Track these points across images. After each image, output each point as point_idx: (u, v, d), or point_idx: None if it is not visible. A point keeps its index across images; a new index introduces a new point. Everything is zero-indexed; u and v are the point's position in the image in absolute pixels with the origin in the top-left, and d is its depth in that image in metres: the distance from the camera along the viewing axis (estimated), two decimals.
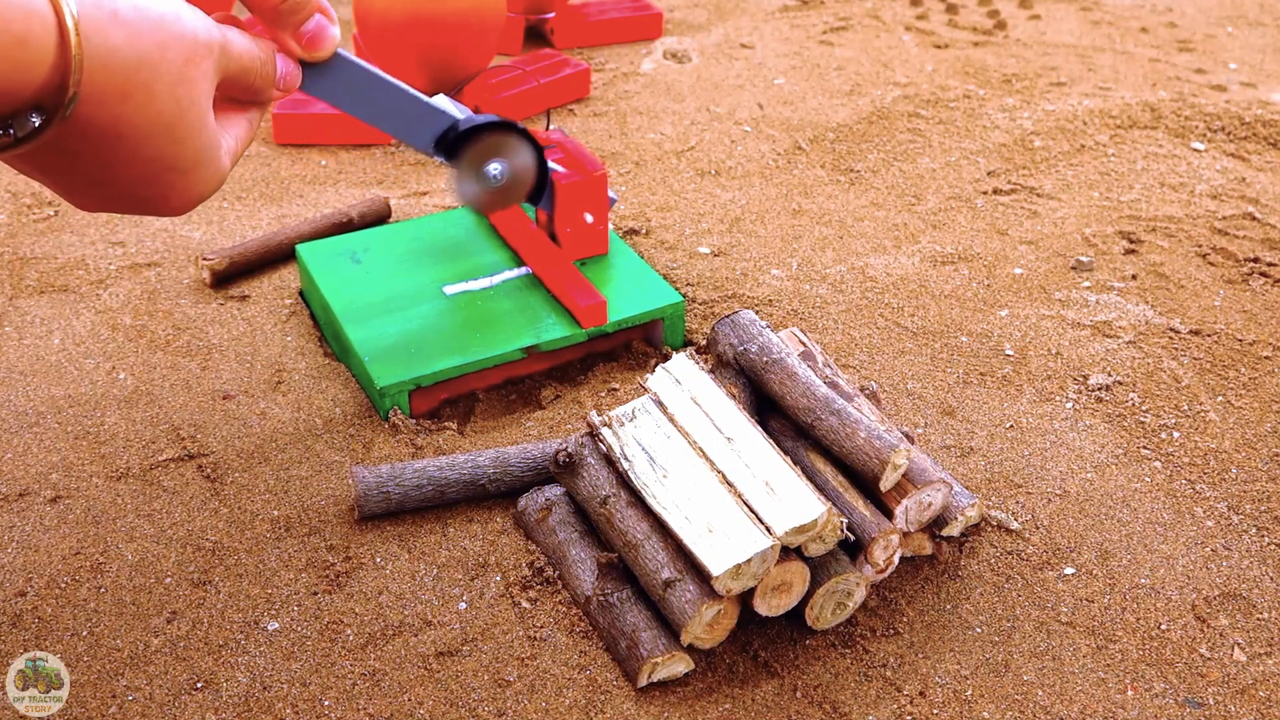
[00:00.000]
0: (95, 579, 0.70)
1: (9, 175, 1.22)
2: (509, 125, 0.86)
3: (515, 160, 0.88)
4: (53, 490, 0.77)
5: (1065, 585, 0.72)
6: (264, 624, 0.67)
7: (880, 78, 1.53)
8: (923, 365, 0.93)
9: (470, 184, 0.87)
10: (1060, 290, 1.04)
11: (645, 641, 0.64)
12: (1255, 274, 1.07)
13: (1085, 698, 0.64)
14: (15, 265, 1.04)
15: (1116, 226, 1.15)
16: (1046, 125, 1.37)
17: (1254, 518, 0.77)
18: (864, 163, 1.29)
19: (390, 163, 1.27)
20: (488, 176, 0.87)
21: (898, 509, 0.68)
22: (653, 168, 1.27)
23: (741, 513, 0.63)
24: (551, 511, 0.73)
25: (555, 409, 0.87)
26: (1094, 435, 0.85)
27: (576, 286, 0.91)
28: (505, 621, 0.68)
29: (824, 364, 0.78)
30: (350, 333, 0.88)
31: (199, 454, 0.81)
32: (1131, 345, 0.95)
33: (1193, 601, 0.70)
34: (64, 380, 0.89)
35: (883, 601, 0.70)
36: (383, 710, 0.62)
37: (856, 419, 0.69)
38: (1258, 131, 1.35)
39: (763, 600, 0.64)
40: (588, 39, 1.63)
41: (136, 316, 0.97)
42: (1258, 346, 0.95)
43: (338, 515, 0.76)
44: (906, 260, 1.09)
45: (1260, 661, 0.67)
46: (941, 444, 0.83)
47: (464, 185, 0.88)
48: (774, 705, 0.63)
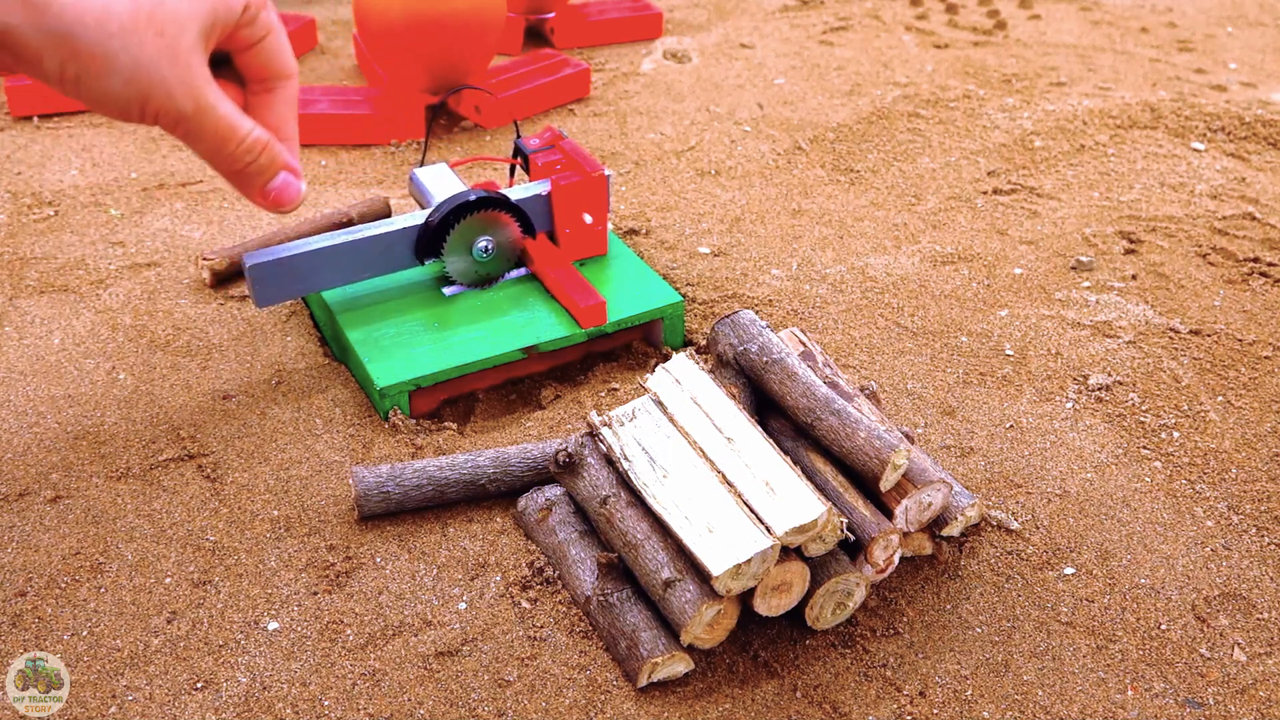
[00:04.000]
0: (95, 579, 0.70)
1: (8, 175, 1.22)
2: (466, 205, 0.88)
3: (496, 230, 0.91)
4: (53, 490, 0.77)
5: (1065, 585, 0.72)
6: (264, 624, 0.67)
7: (880, 78, 1.53)
8: (923, 365, 0.93)
9: (466, 264, 0.91)
10: (1060, 290, 1.04)
11: (645, 641, 0.64)
12: (1255, 274, 1.07)
13: (1085, 698, 0.64)
14: (15, 265, 1.04)
15: (1116, 226, 1.15)
16: (1046, 125, 1.37)
17: (1254, 518, 0.77)
18: (864, 163, 1.29)
19: (390, 163, 1.27)
20: (479, 252, 0.91)
21: (898, 509, 0.68)
22: (653, 168, 1.27)
23: (741, 513, 0.63)
24: (551, 511, 0.73)
25: (555, 409, 0.87)
26: (1094, 435, 0.85)
27: (576, 287, 0.91)
28: (505, 621, 0.68)
29: (824, 364, 0.78)
30: (350, 333, 0.88)
31: (199, 454, 0.81)
32: (1131, 345, 0.95)
33: (1193, 601, 0.70)
34: (64, 380, 0.89)
35: (883, 601, 0.70)
36: (383, 710, 0.62)
37: (856, 419, 0.69)
38: (1258, 131, 1.35)
39: (763, 600, 0.64)
40: (588, 39, 1.63)
41: (136, 316, 0.97)
42: (1258, 346, 0.95)
43: (338, 515, 0.76)
44: (906, 260, 1.09)
45: (1260, 661, 0.67)
46: (941, 444, 0.83)
47: (460, 269, 0.92)
48: (774, 705, 0.63)
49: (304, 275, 0.87)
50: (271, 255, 0.85)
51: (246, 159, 0.57)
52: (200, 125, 0.54)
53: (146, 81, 0.51)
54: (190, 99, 0.53)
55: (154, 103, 0.52)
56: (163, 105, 0.52)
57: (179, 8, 0.52)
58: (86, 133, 1.32)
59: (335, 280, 0.89)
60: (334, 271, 0.88)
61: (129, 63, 0.50)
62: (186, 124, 0.54)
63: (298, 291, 0.88)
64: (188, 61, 0.52)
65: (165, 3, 0.51)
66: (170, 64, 0.52)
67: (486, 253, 0.91)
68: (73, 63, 0.49)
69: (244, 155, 0.57)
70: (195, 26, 0.52)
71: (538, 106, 1.40)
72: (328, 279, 0.88)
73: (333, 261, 0.88)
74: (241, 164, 0.57)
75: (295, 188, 0.60)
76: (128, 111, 0.52)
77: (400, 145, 1.31)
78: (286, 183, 0.60)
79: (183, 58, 0.52)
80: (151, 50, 0.51)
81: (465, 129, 1.36)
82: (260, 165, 0.57)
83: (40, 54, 0.49)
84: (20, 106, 1.35)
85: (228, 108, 0.55)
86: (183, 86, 0.52)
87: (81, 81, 0.50)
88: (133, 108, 0.52)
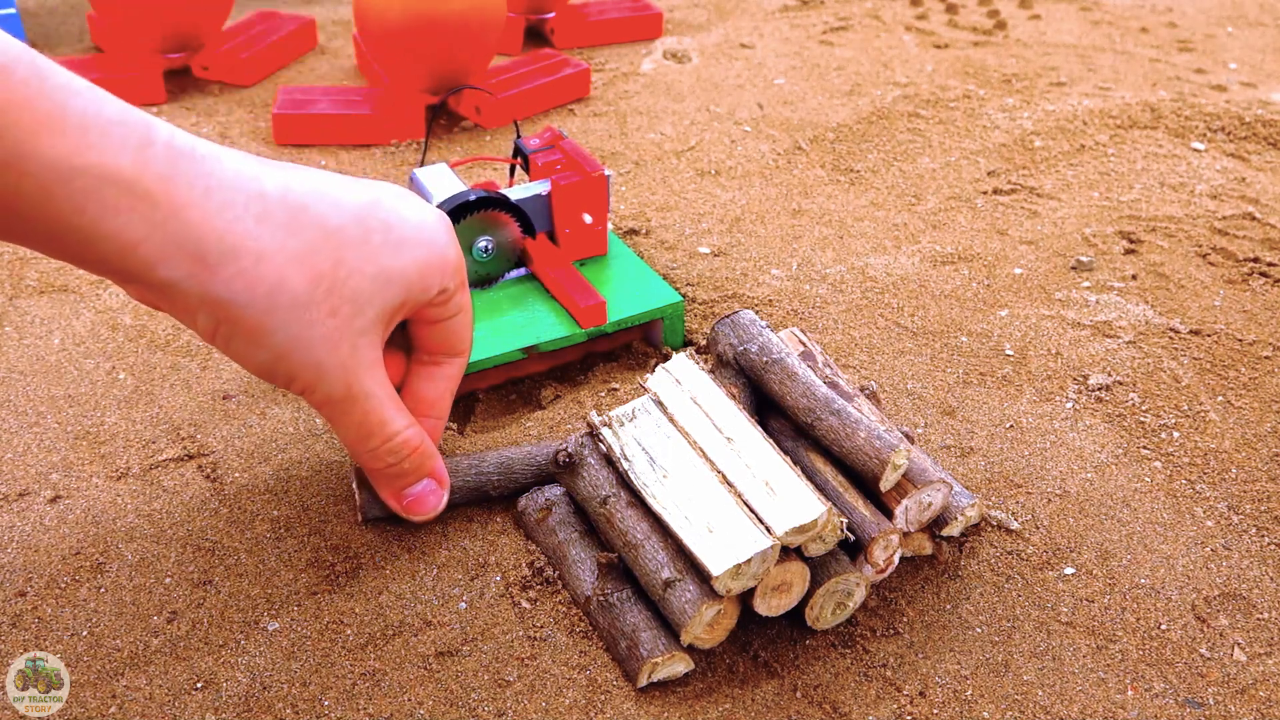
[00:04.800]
0: (95, 579, 0.70)
1: None
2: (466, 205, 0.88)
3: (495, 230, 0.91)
4: (53, 490, 0.77)
5: (1065, 585, 0.72)
6: (264, 624, 0.67)
7: (880, 78, 1.53)
8: (923, 365, 0.93)
9: (466, 264, 0.91)
10: (1060, 290, 1.04)
11: (645, 641, 0.64)
12: (1255, 274, 1.07)
13: (1085, 698, 0.64)
14: (15, 265, 1.04)
15: (1116, 226, 1.15)
16: (1046, 125, 1.37)
17: (1254, 518, 0.77)
18: (864, 163, 1.29)
19: (390, 163, 1.27)
20: (479, 252, 0.91)
21: (898, 509, 0.68)
22: (653, 168, 1.27)
23: (741, 513, 0.63)
24: (551, 511, 0.73)
25: (555, 409, 0.87)
26: (1094, 435, 0.85)
27: (576, 287, 0.91)
28: (505, 621, 0.68)
29: (824, 364, 0.78)
30: None
31: (199, 454, 0.81)
32: (1131, 345, 0.95)
33: (1193, 601, 0.70)
34: (64, 380, 0.89)
35: (883, 601, 0.70)
36: (383, 710, 0.62)
37: (856, 419, 0.69)
38: (1258, 131, 1.35)
39: (763, 600, 0.64)
40: (588, 39, 1.63)
41: (136, 316, 0.97)
42: (1258, 346, 0.95)
43: (338, 515, 0.76)
44: (906, 260, 1.09)
45: (1260, 661, 0.67)
46: (941, 444, 0.83)
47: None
48: (774, 705, 0.63)
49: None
50: None
51: (389, 459, 0.51)
52: (348, 412, 0.49)
53: (298, 361, 0.47)
54: (343, 384, 0.48)
55: (300, 381, 0.48)
56: (309, 384, 0.48)
57: (363, 288, 0.47)
58: None
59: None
60: None
61: (285, 340, 0.46)
62: (332, 407, 0.49)
63: None
64: (354, 344, 0.48)
65: (350, 280, 0.46)
66: (331, 348, 0.47)
67: (486, 253, 0.91)
68: (226, 326, 0.46)
69: (387, 455, 0.51)
70: (376, 309, 0.47)
71: (538, 106, 1.40)
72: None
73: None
74: (383, 463, 0.52)
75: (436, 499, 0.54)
76: (272, 379, 0.48)
77: (400, 145, 1.31)
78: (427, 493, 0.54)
79: (349, 340, 0.47)
80: (318, 331, 0.46)
81: (465, 129, 1.36)
82: (403, 469, 0.52)
83: (196, 310, 0.45)
84: None
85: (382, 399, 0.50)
86: (339, 370, 0.48)
87: (230, 344, 0.46)
88: (278, 379, 0.48)
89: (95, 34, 1.56)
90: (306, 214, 0.45)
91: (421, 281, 0.48)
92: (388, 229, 0.47)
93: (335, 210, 0.46)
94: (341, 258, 0.45)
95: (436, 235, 0.49)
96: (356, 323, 0.47)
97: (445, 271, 0.49)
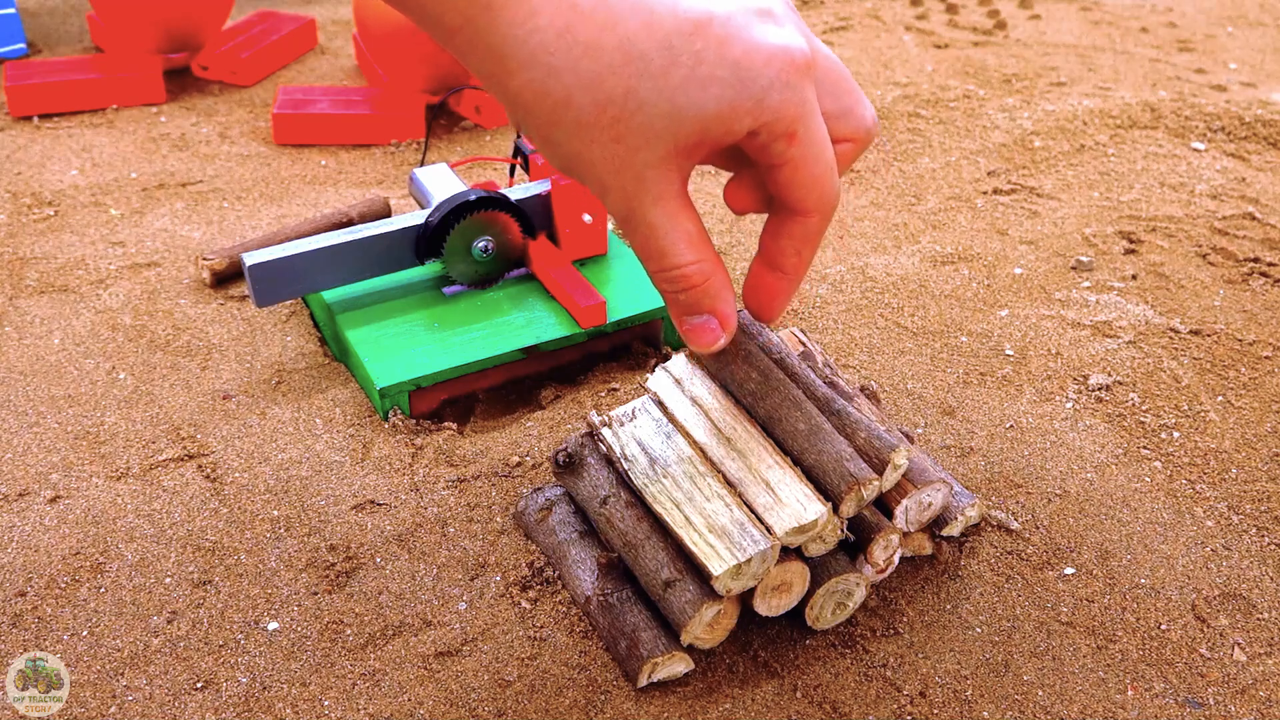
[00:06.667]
0: (95, 579, 0.70)
1: (9, 175, 1.22)
2: (466, 204, 0.88)
3: (496, 231, 0.90)
4: (53, 490, 0.77)
5: (1065, 585, 0.72)
6: (264, 624, 0.67)
7: (880, 78, 1.53)
8: (923, 365, 0.93)
9: (466, 268, 0.91)
10: (1060, 290, 1.04)
11: (645, 641, 0.64)
12: (1255, 274, 1.07)
13: (1085, 698, 0.64)
14: (15, 265, 1.04)
15: (1116, 226, 1.15)
16: (1046, 125, 1.37)
17: (1254, 518, 0.77)
18: (864, 163, 1.29)
19: (390, 163, 1.27)
20: (479, 252, 0.91)
21: (898, 509, 0.68)
22: None
23: (741, 513, 0.63)
24: (551, 511, 0.73)
25: (555, 409, 0.87)
26: (1094, 435, 0.85)
27: (576, 286, 0.91)
28: (505, 621, 0.68)
29: (824, 364, 0.78)
30: (350, 333, 0.88)
31: (199, 454, 0.81)
32: (1131, 345, 0.95)
33: (1193, 601, 0.70)
34: (64, 380, 0.89)
35: (883, 601, 0.70)
36: (383, 710, 0.62)
37: (856, 419, 0.69)
38: (1258, 131, 1.35)
39: (763, 600, 0.64)
40: None
41: (136, 316, 0.97)
42: (1258, 346, 0.95)
43: (338, 515, 0.76)
44: (906, 260, 1.09)
45: (1260, 661, 0.67)
46: (941, 444, 0.83)
47: (459, 271, 0.92)
48: (774, 705, 0.63)
49: (304, 275, 0.87)
50: (271, 255, 0.86)
51: (666, 287, 0.51)
52: (631, 233, 0.49)
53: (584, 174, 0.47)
54: (624, 208, 0.47)
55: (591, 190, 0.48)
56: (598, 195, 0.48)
57: (653, 123, 0.45)
58: (86, 133, 1.32)
59: (335, 280, 0.89)
60: (334, 271, 0.88)
61: (569, 154, 0.46)
62: (619, 223, 0.49)
63: (298, 291, 0.88)
64: (639, 175, 0.46)
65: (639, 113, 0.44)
66: (613, 171, 0.46)
67: (486, 253, 0.91)
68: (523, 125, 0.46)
69: (664, 283, 0.51)
70: (668, 145, 0.45)
71: None
72: (328, 279, 0.89)
73: (333, 261, 0.88)
74: (664, 287, 0.51)
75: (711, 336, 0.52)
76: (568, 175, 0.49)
77: (400, 145, 1.31)
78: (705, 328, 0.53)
79: (633, 170, 0.46)
80: (599, 151, 0.45)
81: (465, 129, 1.36)
82: (682, 300, 0.51)
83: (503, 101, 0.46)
84: (20, 106, 1.35)
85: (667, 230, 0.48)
86: (620, 194, 0.47)
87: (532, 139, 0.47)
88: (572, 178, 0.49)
89: (95, 34, 1.56)
90: (613, 33, 0.43)
91: (722, 123, 0.45)
92: (698, 61, 0.44)
93: (645, 32, 0.43)
94: (633, 87, 0.43)
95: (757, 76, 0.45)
96: (643, 154, 0.46)
97: (758, 115, 0.45)
